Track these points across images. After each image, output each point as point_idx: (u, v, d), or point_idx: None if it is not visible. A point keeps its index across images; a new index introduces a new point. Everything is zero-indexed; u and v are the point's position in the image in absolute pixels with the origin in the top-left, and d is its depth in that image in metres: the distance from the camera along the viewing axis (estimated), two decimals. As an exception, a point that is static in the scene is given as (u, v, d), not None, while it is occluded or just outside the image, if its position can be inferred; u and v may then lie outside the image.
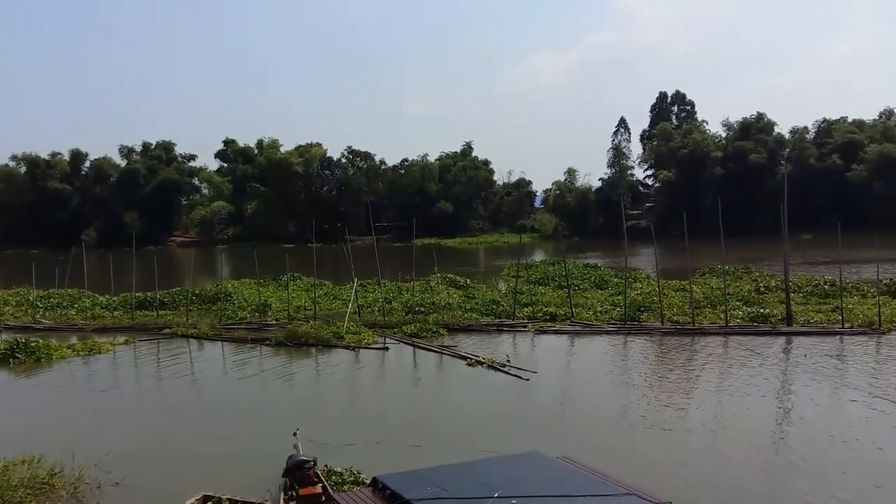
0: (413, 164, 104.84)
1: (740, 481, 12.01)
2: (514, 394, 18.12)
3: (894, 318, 25.09)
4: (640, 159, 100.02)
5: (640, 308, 28.18)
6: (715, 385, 18.26)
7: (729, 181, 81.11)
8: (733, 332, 24.65)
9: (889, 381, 17.89)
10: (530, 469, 8.96)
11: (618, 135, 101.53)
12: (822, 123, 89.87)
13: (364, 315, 29.07)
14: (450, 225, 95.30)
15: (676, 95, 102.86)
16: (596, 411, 16.29)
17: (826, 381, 18.06)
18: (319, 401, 18.34)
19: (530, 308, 29.18)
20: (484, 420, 15.76)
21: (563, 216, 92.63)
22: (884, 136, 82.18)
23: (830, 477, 12.11)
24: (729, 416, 15.75)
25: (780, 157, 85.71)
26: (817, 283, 31.78)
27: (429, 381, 20.27)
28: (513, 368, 20.03)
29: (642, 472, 12.05)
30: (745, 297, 30.23)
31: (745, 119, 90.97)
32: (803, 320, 25.69)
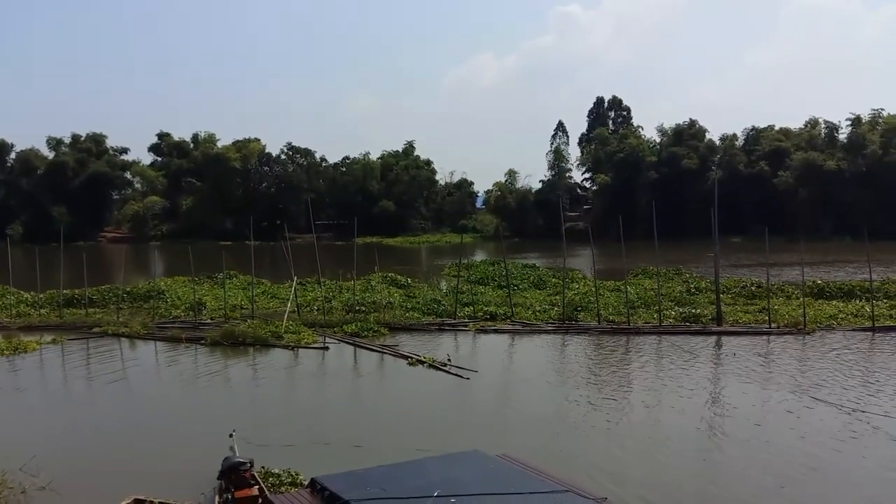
0: (355, 163, 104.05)
1: (673, 477, 12.40)
2: (455, 393, 18.21)
3: (818, 318, 26.28)
4: (579, 162, 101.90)
5: (577, 308, 28.72)
6: (649, 383, 18.77)
7: (663, 185, 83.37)
8: (666, 332, 25.40)
9: (813, 378, 18.74)
10: (470, 468, 9.02)
11: (557, 138, 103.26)
12: (751, 131, 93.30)
13: (303, 314, 28.71)
14: (392, 224, 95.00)
15: (613, 101, 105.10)
16: (535, 409, 16.53)
17: (754, 380, 18.80)
18: (257, 401, 18.01)
19: (471, 307, 29.37)
20: (425, 419, 15.78)
21: (503, 217, 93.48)
22: (808, 145, 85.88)
23: (758, 470, 12.61)
24: (663, 413, 16.23)
25: (711, 163, 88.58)
26: (745, 285, 33.04)
27: (370, 381, 20.16)
28: (454, 368, 20.12)
29: (580, 468, 12.30)
30: (677, 297, 31.18)
31: (678, 125, 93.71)
32: (732, 320, 26.66)
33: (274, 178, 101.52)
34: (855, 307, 28.18)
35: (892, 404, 16.20)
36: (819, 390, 17.46)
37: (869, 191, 77.22)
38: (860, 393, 17.23)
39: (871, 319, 25.55)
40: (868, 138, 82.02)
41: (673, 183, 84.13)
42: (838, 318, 26.63)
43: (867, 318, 25.96)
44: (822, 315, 26.80)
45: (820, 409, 16.01)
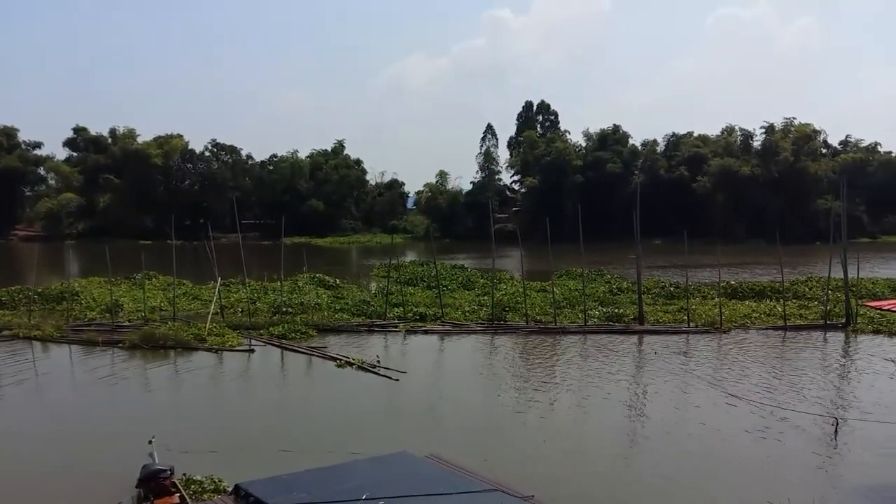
0: (282, 161, 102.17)
1: (599, 473, 12.71)
2: (384, 394, 18.13)
3: (733, 318, 27.45)
4: (508, 165, 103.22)
5: (505, 308, 29.08)
6: (575, 382, 19.18)
7: (589, 189, 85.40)
8: (591, 331, 26.03)
9: (729, 375, 19.57)
10: (399, 469, 9.00)
11: (486, 140, 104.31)
12: (671, 137, 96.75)
13: (228, 316, 27.98)
14: (321, 224, 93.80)
15: (541, 105, 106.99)
16: (465, 409, 16.65)
17: (675, 377, 19.48)
18: (178, 406, 17.45)
19: (401, 308, 29.30)
20: (353, 422, 15.65)
21: (434, 218, 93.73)
22: (725, 151, 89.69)
23: (678, 465, 13.08)
24: (588, 411, 16.62)
25: (634, 168, 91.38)
26: (664, 286, 34.25)
27: (297, 384, 19.85)
28: (383, 369, 20.02)
29: (508, 467, 12.45)
30: (601, 297, 31.99)
31: (602, 130, 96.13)
32: (653, 320, 27.56)
33: (197, 175, 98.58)
34: (767, 307, 29.59)
35: (801, 399, 17.09)
36: (735, 387, 18.24)
37: (780, 196, 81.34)
38: (773, 389, 18.09)
39: (783, 319, 26.89)
40: (780, 145, 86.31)
41: (598, 186, 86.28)
42: (752, 317, 27.89)
43: (779, 317, 27.30)
44: (737, 315, 28.01)
45: (736, 405, 16.71)
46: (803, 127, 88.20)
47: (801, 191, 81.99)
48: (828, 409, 16.28)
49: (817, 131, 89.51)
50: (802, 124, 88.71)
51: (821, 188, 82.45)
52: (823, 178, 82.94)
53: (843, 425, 14.92)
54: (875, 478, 12.39)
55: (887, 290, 32.61)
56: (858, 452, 13.58)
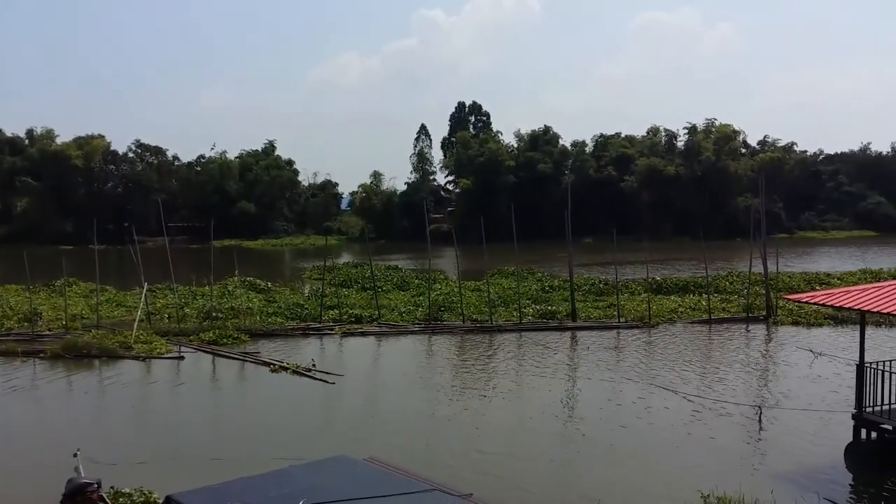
0: (210, 161, 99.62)
1: (537, 470, 12.88)
2: (320, 398, 17.92)
3: (661, 312, 28.35)
4: (442, 165, 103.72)
5: (441, 308, 29.19)
6: (511, 379, 19.42)
7: (521, 189, 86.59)
8: (526, 329, 26.43)
9: (658, 368, 20.20)
10: (336, 473, 8.89)
11: (420, 141, 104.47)
12: (600, 138, 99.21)
13: (155, 323, 27.09)
14: (252, 226, 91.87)
15: (473, 106, 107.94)
16: (403, 410, 16.62)
17: (607, 371, 19.96)
18: (105, 417, 16.80)
19: (336, 310, 29.01)
20: (289, 427, 15.41)
21: (369, 219, 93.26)
22: (651, 151, 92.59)
23: (613, 458, 13.41)
24: (525, 407, 16.86)
25: (565, 168, 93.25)
26: (594, 283, 35.09)
27: (229, 390, 19.39)
28: (318, 372, 19.78)
29: (447, 466, 12.50)
30: (534, 295, 32.51)
31: (534, 131, 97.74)
32: (585, 316, 28.19)
33: (121, 177, 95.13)
34: (692, 301, 30.68)
35: (726, 389, 17.78)
36: (664, 379, 18.83)
37: (703, 194, 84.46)
38: (700, 380, 18.78)
39: (708, 312, 27.93)
40: (703, 146, 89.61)
41: (530, 186, 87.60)
42: (678, 311, 28.87)
43: (704, 311, 28.34)
44: (664, 309, 28.93)
45: (665, 396, 17.26)
46: (724, 127, 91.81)
47: (723, 189, 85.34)
48: (751, 398, 17.00)
49: (737, 132, 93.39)
50: (723, 125, 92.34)
51: (741, 186, 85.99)
52: (743, 177, 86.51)
53: (766, 413, 15.60)
54: (796, 462, 13.01)
55: (803, 283, 34.27)
56: (780, 439, 14.23)
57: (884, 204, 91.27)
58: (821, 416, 15.19)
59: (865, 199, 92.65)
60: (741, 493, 10.46)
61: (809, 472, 12.57)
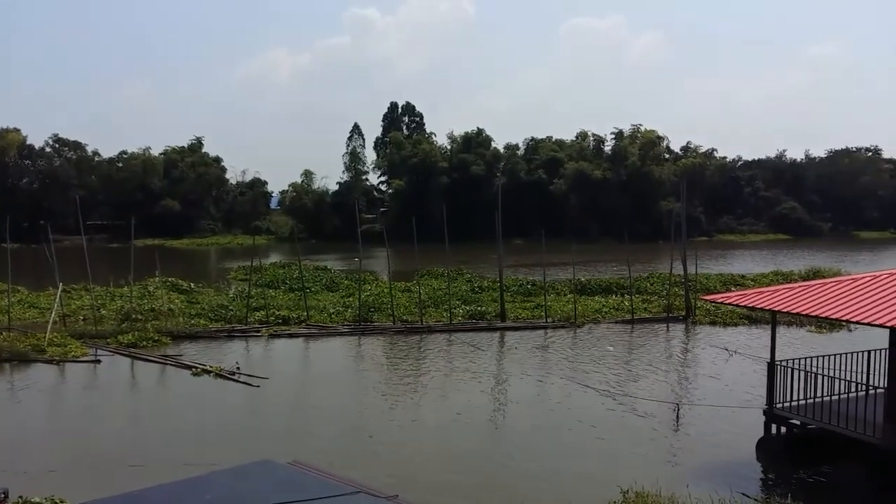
0: (133, 157, 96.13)
1: (464, 470, 12.99)
2: (244, 402, 17.56)
3: (586, 312, 29.02)
4: (375, 165, 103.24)
5: (371, 309, 29.05)
6: (442, 379, 19.51)
7: (454, 190, 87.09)
8: (456, 329, 26.60)
9: (584, 367, 20.67)
10: (260, 478, 8.74)
11: (353, 140, 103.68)
12: (531, 141, 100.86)
13: (70, 325, 25.94)
14: (177, 225, 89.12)
15: (407, 106, 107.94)
16: (330, 412, 16.46)
17: (534, 370, 20.31)
18: (14, 424, 15.98)
19: (263, 312, 28.46)
20: (212, 432, 15.04)
21: (299, 218, 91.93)
22: (579, 155, 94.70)
23: (538, 457, 13.64)
24: (453, 408, 16.95)
25: (497, 170, 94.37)
26: (522, 284, 35.63)
27: (149, 395, 18.77)
28: (243, 375, 19.38)
29: (373, 468, 12.46)
30: (464, 296, 32.77)
31: (467, 133, 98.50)
32: (514, 316, 28.58)
33: (37, 173, 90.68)
34: (615, 301, 31.55)
35: (647, 387, 18.36)
36: (589, 377, 19.30)
37: (629, 197, 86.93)
38: (623, 378, 19.32)
39: (631, 313, 28.76)
40: (629, 150, 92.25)
41: (463, 188, 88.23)
42: (603, 311, 29.62)
43: (626, 311, 29.17)
44: (589, 309, 29.63)
45: (590, 394, 17.68)
46: (649, 133, 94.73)
47: (647, 193, 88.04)
48: (670, 395, 17.61)
49: (661, 137, 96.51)
50: (648, 131, 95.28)
51: (664, 190, 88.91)
52: (667, 181, 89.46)
53: (683, 410, 16.19)
54: (711, 457, 13.57)
55: (720, 284, 35.73)
56: (697, 434, 14.80)
57: (797, 209, 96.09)
58: (734, 413, 15.86)
59: (780, 204, 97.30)
60: (658, 487, 10.82)
61: (723, 466, 13.12)
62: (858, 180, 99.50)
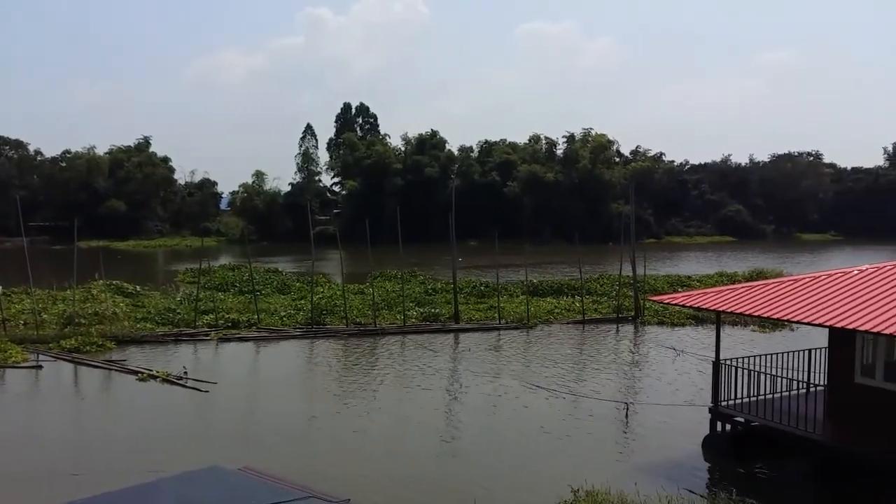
0: (77, 157, 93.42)
1: (416, 472, 12.96)
2: (192, 407, 17.20)
3: (538, 313, 29.31)
4: (328, 166, 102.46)
5: (323, 312, 28.79)
6: (395, 382, 19.43)
7: (408, 191, 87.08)
8: (410, 331, 26.56)
9: (536, 368, 20.87)
10: (208, 485, 8.57)
11: (305, 141, 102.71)
12: (485, 144, 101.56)
13: (10, 330, 25.00)
14: (123, 226, 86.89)
15: (360, 107, 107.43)
16: (280, 417, 16.24)
17: (487, 372, 20.40)
18: (-54, 434, 15.30)
19: (212, 315, 27.93)
20: (158, 438, 14.67)
21: (250, 220, 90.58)
22: (532, 158, 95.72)
23: (490, 458, 13.70)
24: (406, 411, 16.92)
25: (451, 172, 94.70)
26: (475, 285, 35.81)
27: (92, 401, 18.21)
28: (191, 380, 18.99)
29: (325, 473, 12.35)
30: (418, 298, 32.74)
31: (421, 135, 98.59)
32: (467, 318, 28.69)
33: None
34: (567, 303, 31.96)
35: (598, 386, 18.63)
36: (541, 378, 19.48)
37: (581, 200, 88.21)
38: (574, 378, 19.57)
39: (582, 314, 29.17)
40: (580, 154, 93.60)
41: (417, 189, 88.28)
42: (555, 312, 29.97)
43: (578, 312, 29.57)
44: (541, 311, 29.94)
45: (542, 395, 17.85)
46: (600, 137, 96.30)
47: (598, 195, 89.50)
48: (620, 394, 17.91)
49: (612, 141, 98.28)
50: (599, 134, 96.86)
51: (614, 193, 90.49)
52: (617, 184, 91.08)
53: (632, 409, 16.48)
54: (659, 455, 13.83)
55: (667, 285, 36.52)
56: (645, 433, 15.08)
57: (742, 212, 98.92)
58: (681, 411, 16.22)
59: (725, 207, 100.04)
60: (608, 485, 10.99)
61: (671, 463, 13.40)
62: (800, 184, 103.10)
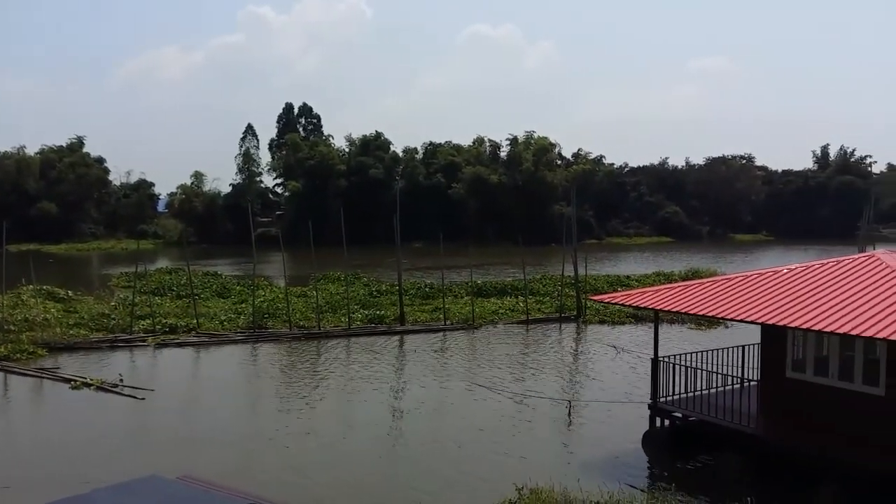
0: (6, 157, 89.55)
1: (361, 478, 12.85)
2: (129, 415, 16.70)
3: (483, 314, 29.50)
4: (270, 167, 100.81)
5: (265, 315, 28.32)
6: (340, 386, 19.26)
7: (353, 193, 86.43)
8: (355, 334, 26.37)
9: (481, 368, 20.99)
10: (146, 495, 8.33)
11: (246, 141, 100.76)
12: (429, 146, 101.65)
13: (-69, 338, 23.76)
14: (55, 229, 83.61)
15: (303, 108, 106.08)
16: (221, 424, 15.89)
17: (433, 373, 20.44)
18: None
19: (149, 320, 27.14)
20: (94, 448, 14.20)
21: (189, 222, 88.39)
22: (476, 160, 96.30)
23: (436, 459, 13.72)
24: (351, 414, 16.83)
25: (396, 174, 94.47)
26: (420, 287, 35.84)
27: (22, 410, 17.52)
28: (127, 388, 18.42)
29: (269, 479, 12.16)
30: (362, 300, 32.54)
31: (365, 136, 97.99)
32: (413, 319, 28.66)
33: None
34: (511, 303, 32.29)
35: (542, 385, 18.88)
36: (486, 378, 19.62)
37: (524, 202, 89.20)
38: (518, 378, 19.77)
39: (526, 314, 29.50)
40: (523, 156, 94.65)
41: (362, 191, 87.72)
42: (499, 313, 30.22)
43: (521, 312, 29.90)
44: (486, 311, 30.16)
45: (487, 395, 17.97)
46: (542, 140, 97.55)
47: (541, 197, 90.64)
48: (562, 393, 18.19)
49: (553, 144, 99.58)
50: (541, 137, 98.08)
51: (557, 195, 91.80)
52: (559, 187, 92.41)
53: (575, 407, 16.77)
54: (601, 451, 14.10)
55: (607, 284, 37.24)
56: (587, 430, 15.37)
57: (679, 213, 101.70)
58: (622, 408, 16.58)
59: (663, 208, 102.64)
60: (552, 483, 11.13)
61: (612, 459, 13.68)
62: (734, 186, 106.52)
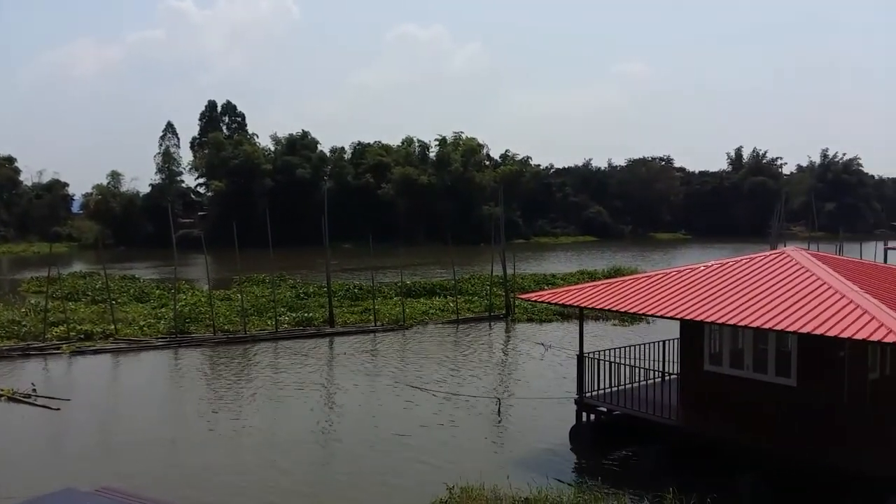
0: None
1: (290, 485, 12.63)
2: (43, 426, 15.92)
3: (413, 315, 29.49)
4: (192, 167, 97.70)
5: (188, 320, 27.47)
6: (268, 390, 18.86)
7: (279, 193, 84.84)
8: (282, 337, 25.90)
9: (412, 369, 21.00)
10: (61, 509, 7.94)
11: (166, 140, 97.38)
12: (358, 146, 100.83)
13: None
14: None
15: (227, 106, 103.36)
16: (141, 433, 15.32)
17: (363, 375, 20.29)
18: None
19: (63, 327, 25.89)
20: (6, 461, 13.50)
21: (106, 223, 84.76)
22: (405, 161, 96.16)
23: (366, 462, 13.62)
24: (282, 419, 16.49)
25: (323, 173, 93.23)
26: (349, 288, 35.54)
27: (-79, 426, 16.35)
28: (40, 398, 17.53)
29: (193, 490, 11.80)
30: (290, 303, 32.00)
31: (291, 136, 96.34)
32: (342, 321, 28.38)
33: None
34: (441, 303, 32.42)
35: (471, 384, 19.03)
36: (417, 378, 19.63)
37: (453, 202, 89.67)
38: (449, 377, 19.87)
39: (456, 313, 29.67)
40: (452, 157, 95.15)
41: (289, 191, 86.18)
42: (429, 313, 30.29)
43: (451, 311, 30.06)
44: (416, 312, 30.17)
45: (418, 395, 17.98)
46: (470, 140, 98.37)
47: (470, 198, 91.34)
48: (492, 390, 18.38)
49: (482, 145, 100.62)
50: (469, 138, 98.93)
51: (485, 195, 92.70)
52: (487, 187, 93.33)
53: (504, 404, 16.98)
54: (529, 447, 14.33)
55: (534, 283, 37.86)
56: (516, 427, 15.60)
57: (602, 213, 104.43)
58: (550, 404, 16.88)
59: (587, 208, 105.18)
60: (482, 481, 11.23)
61: (541, 454, 13.92)
62: (654, 187, 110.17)
